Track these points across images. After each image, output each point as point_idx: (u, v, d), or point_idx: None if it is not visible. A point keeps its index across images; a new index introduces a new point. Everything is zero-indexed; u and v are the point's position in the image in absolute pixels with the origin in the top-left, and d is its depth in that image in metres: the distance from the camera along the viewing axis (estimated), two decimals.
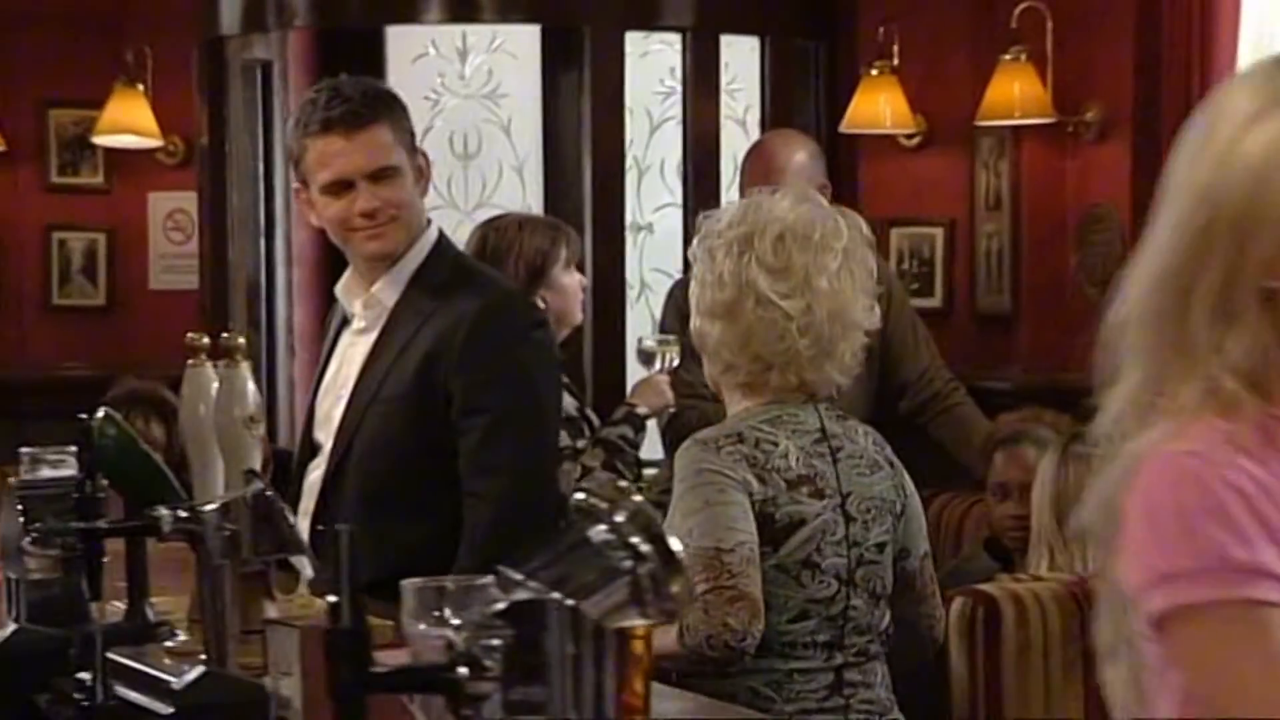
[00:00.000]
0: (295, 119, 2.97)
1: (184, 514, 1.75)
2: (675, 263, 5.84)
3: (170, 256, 6.04)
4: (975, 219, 5.07)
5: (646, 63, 5.53)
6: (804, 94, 5.25)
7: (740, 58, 5.29)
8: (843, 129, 5.10)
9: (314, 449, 3.08)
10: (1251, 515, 1.34)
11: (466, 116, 5.72)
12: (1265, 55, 1.54)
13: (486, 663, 1.06)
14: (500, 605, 1.06)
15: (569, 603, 1.04)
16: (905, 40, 5.05)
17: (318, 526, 2.83)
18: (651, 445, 4.23)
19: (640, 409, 3.95)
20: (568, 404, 3.66)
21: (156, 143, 5.80)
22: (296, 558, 1.79)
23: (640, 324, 5.48)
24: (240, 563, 1.76)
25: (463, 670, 1.06)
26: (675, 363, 3.97)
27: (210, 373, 2.08)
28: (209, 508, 1.76)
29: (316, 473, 3.02)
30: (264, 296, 5.73)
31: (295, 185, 3.03)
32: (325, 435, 3.05)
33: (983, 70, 4.84)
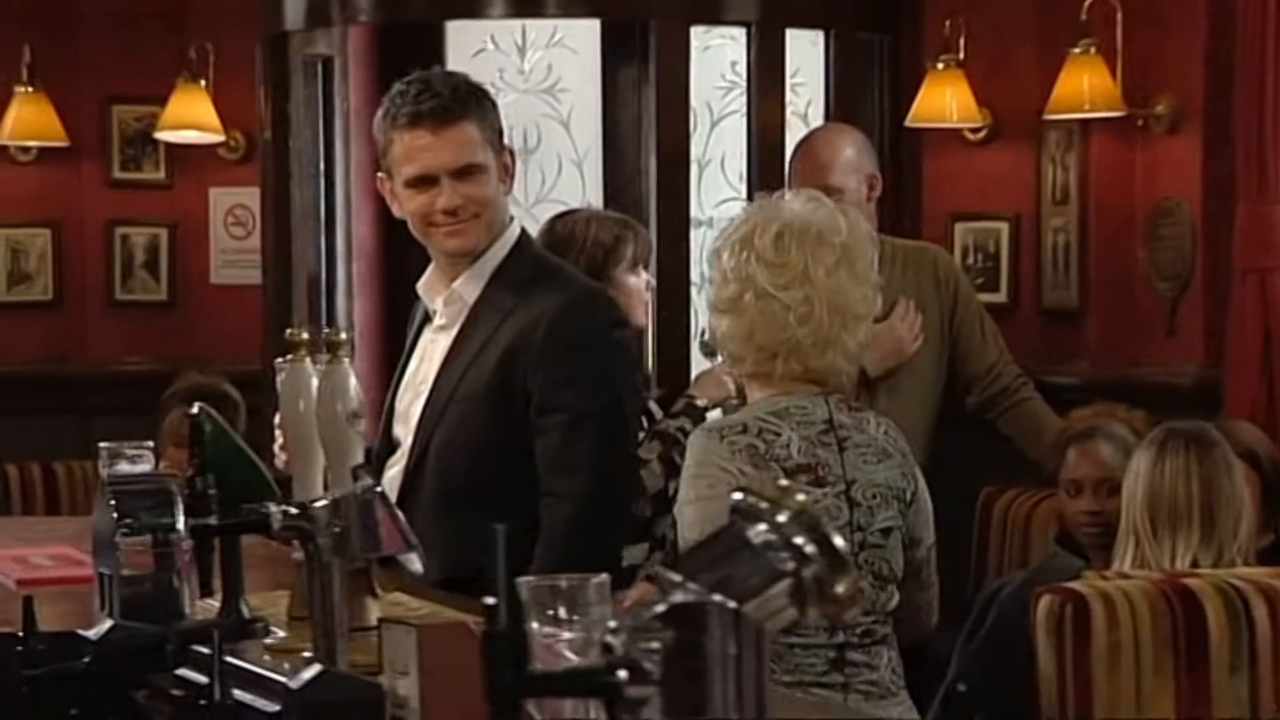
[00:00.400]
0: (384, 110, 2.96)
1: (294, 511, 1.75)
2: None
3: (231, 251, 6.05)
4: (1042, 213, 5.03)
5: (708, 57, 5.52)
6: (868, 88, 5.22)
7: (803, 51, 5.27)
8: (908, 123, 5.08)
9: (392, 445, 3.08)
10: None
11: (526, 111, 5.72)
12: None
13: (646, 666, 1.04)
14: (660, 608, 1.04)
15: (731, 605, 1.03)
16: (971, 33, 5.02)
17: None
18: None
19: (700, 401, 3.94)
20: None
21: (218, 138, 5.81)
22: (406, 555, 1.78)
23: (703, 317, 5.47)
24: (349, 560, 1.75)
25: (622, 674, 1.05)
26: None
27: (310, 368, 2.07)
28: (319, 504, 1.75)
29: (395, 469, 3.02)
30: (324, 291, 5.74)
31: (380, 175, 3.01)
32: (404, 431, 3.04)
33: (1050, 63, 4.80)
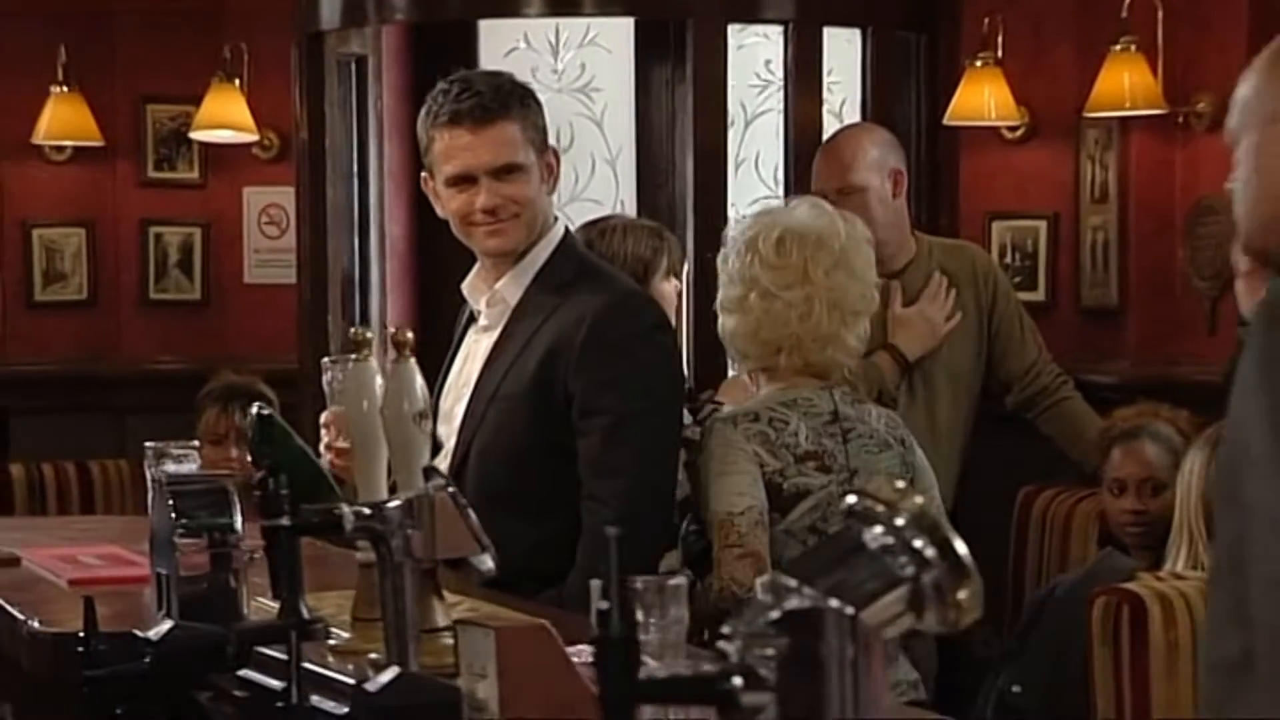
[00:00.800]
0: (426, 108, 2.95)
1: (367, 511, 1.73)
2: None
3: (265, 251, 6.05)
4: (1080, 211, 5.01)
5: (742, 55, 5.51)
6: (905, 86, 5.21)
7: (838, 50, 5.25)
8: (946, 121, 5.06)
9: (436, 446, 3.07)
10: None
11: (559, 110, 5.71)
12: None
13: (761, 672, 1.03)
14: (775, 614, 1.03)
15: (848, 611, 1.02)
16: (1009, 31, 5.00)
17: None
18: None
19: (726, 406, 3.92)
20: None
21: (252, 137, 5.81)
22: (478, 556, 1.77)
23: None
24: (422, 562, 1.74)
25: (737, 680, 1.03)
26: None
27: (374, 367, 2.06)
28: (392, 505, 1.74)
29: None
30: (357, 291, 5.74)
31: (423, 174, 3.00)
32: (448, 433, 3.03)
33: (1088, 61, 4.78)
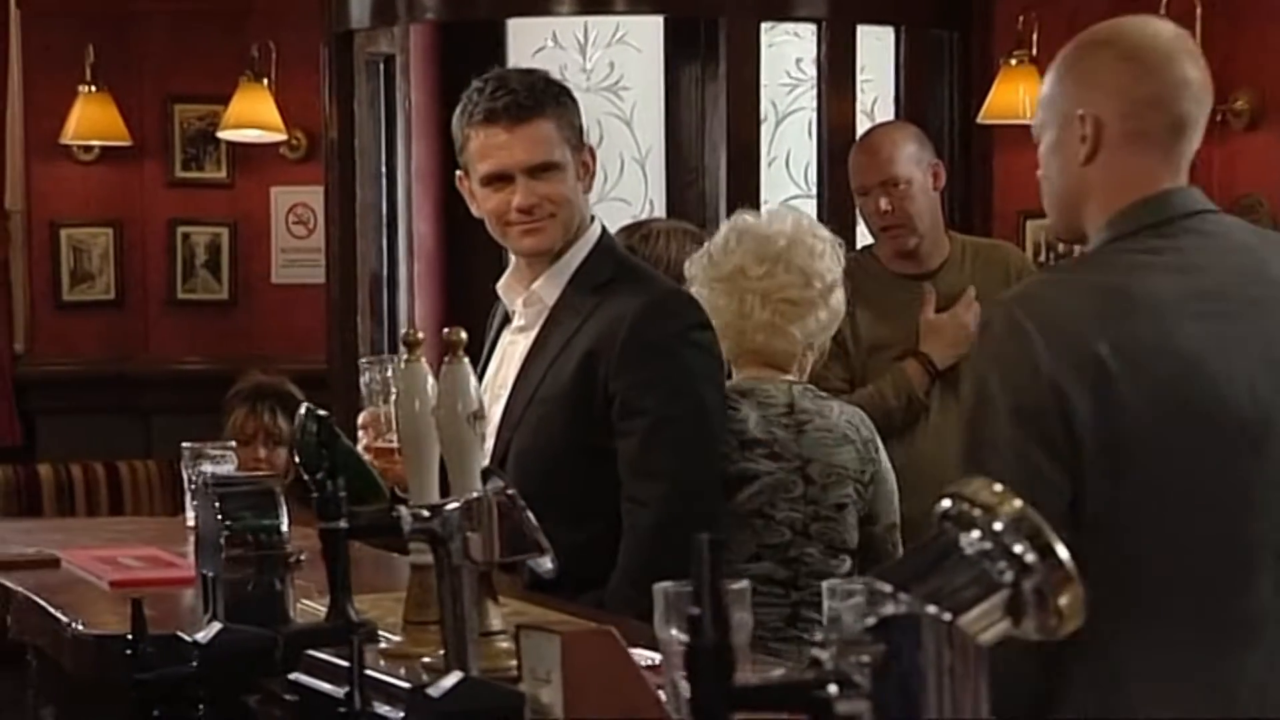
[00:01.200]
0: (461, 107, 2.91)
1: (426, 513, 1.71)
2: None
3: (292, 251, 6.04)
4: None
5: (772, 54, 5.48)
6: (938, 84, 5.18)
7: (869, 48, 5.23)
8: (981, 119, 5.03)
9: None
10: None
11: (588, 109, 5.64)
12: None
13: (856, 679, 1.00)
14: (871, 620, 1.00)
15: (946, 617, 0.99)
16: (1043, 29, 4.97)
17: None
18: None
19: None
20: None
21: (280, 137, 5.80)
22: (538, 559, 1.74)
23: None
24: (481, 564, 1.72)
25: (832, 688, 1.01)
26: None
27: (425, 367, 2.04)
28: (451, 507, 1.72)
29: None
30: (386, 290, 5.72)
31: (459, 173, 2.97)
32: (485, 434, 2.99)
33: None
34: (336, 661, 2.01)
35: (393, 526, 1.73)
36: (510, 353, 2.99)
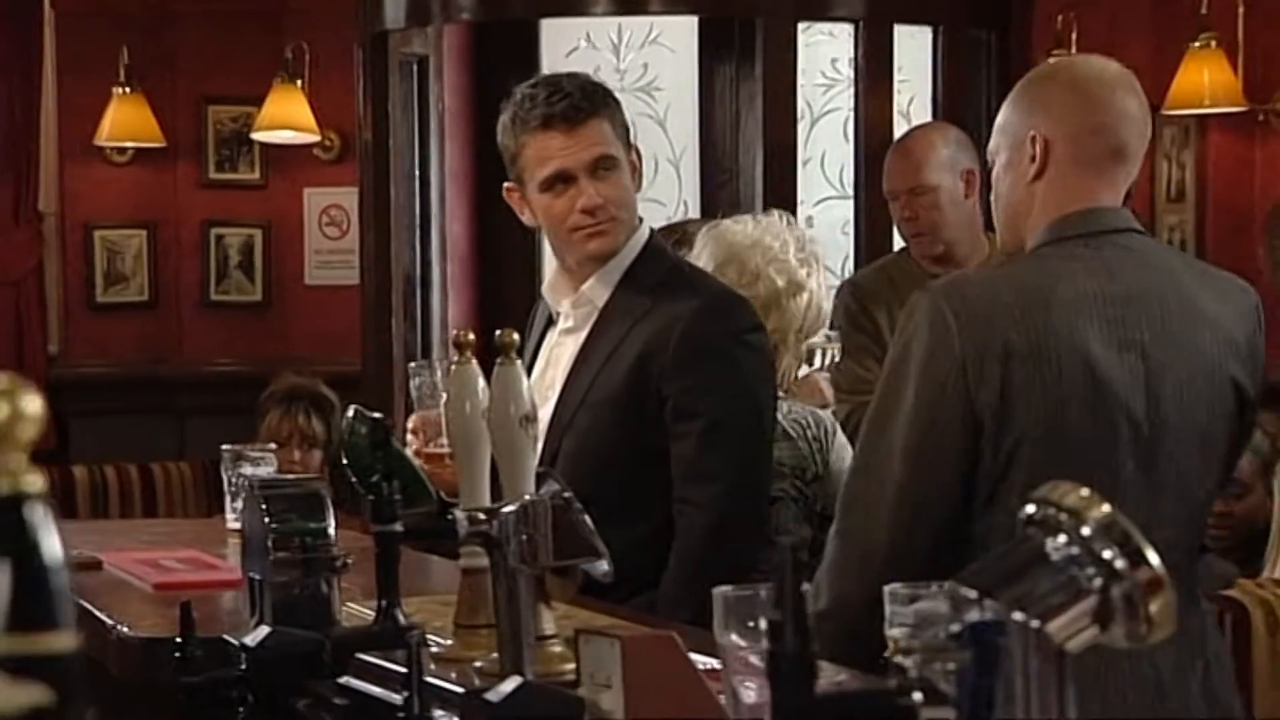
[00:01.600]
0: (510, 117, 2.89)
1: (482, 516, 1.70)
2: (836, 257, 5.75)
3: (325, 252, 6.03)
4: (1156, 211, 4.95)
5: (807, 54, 5.46)
6: (976, 84, 5.15)
7: (905, 47, 5.20)
8: None
9: None
10: None
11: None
12: None
13: (941, 687, 0.98)
14: (956, 627, 0.98)
15: (1034, 624, 0.97)
16: (1082, 28, 4.94)
17: None
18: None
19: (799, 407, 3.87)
20: None
21: (313, 138, 5.79)
22: (594, 562, 1.73)
23: None
24: (537, 568, 1.70)
25: (917, 696, 0.99)
26: (837, 359, 3.89)
27: (476, 369, 2.02)
28: (507, 509, 1.70)
29: None
30: (419, 291, 5.71)
31: (508, 185, 2.95)
32: None
33: (1164, 58, 4.72)
34: (386, 665, 1.99)
35: (448, 530, 1.71)
36: (558, 354, 2.97)
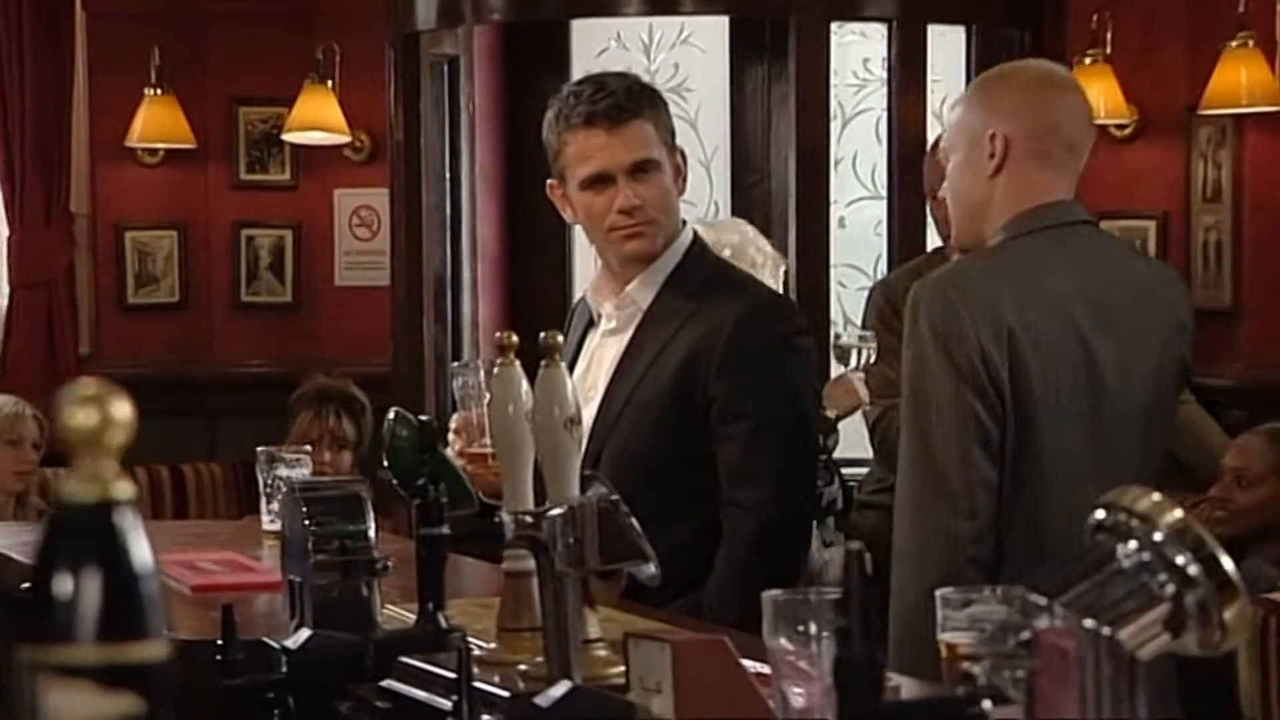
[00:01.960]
0: (555, 113, 2.89)
1: (529, 519, 1.68)
2: (869, 258, 5.74)
3: (355, 253, 6.03)
4: (1191, 211, 4.92)
5: (839, 54, 5.43)
6: None
7: (937, 46, 5.18)
8: None
9: None
10: None
11: None
12: None
13: (1011, 695, 0.97)
14: (1026, 634, 0.97)
15: (1105, 632, 0.95)
16: (1117, 28, 4.92)
17: None
18: (853, 443, 4.14)
19: (829, 412, 3.86)
20: None
21: (344, 139, 5.78)
22: (641, 566, 1.71)
23: (839, 319, 5.38)
24: (584, 571, 1.69)
25: (987, 704, 0.97)
26: (872, 359, 3.88)
27: (520, 371, 2.01)
28: (554, 512, 1.69)
29: None
30: (449, 292, 5.70)
31: (550, 182, 2.95)
32: None
33: (1201, 57, 4.70)
34: (430, 669, 1.99)
35: (495, 533, 1.70)
36: (600, 355, 2.96)
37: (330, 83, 5.70)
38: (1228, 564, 0.99)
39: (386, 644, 2.15)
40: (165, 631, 0.73)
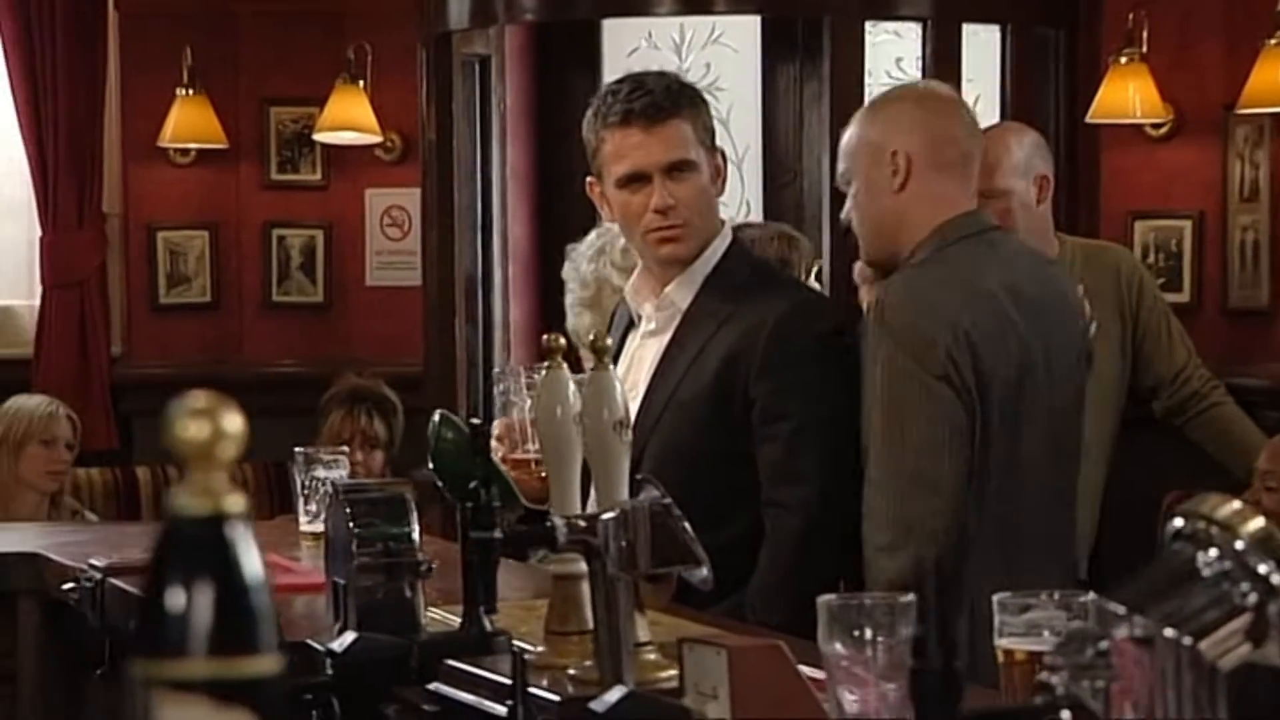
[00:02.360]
0: (594, 110, 2.89)
1: (582, 524, 1.68)
2: None
3: (387, 253, 6.02)
4: (1228, 211, 4.89)
5: (872, 54, 5.41)
6: (1044, 83, 5.10)
7: (970, 46, 5.16)
8: (1089, 119, 4.95)
9: None
10: None
11: None
12: None
13: (1091, 705, 0.96)
14: (1104, 644, 0.96)
15: (1186, 641, 0.94)
16: (1153, 27, 4.89)
17: None
18: None
19: None
20: None
21: (375, 139, 5.78)
22: (694, 570, 1.71)
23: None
24: (636, 575, 1.68)
25: (1065, 714, 0.96)
26: None
27: (567, 374, 2.01)
28: (606, 516, 1.68)
29: None
30: (480, 292, 5.70)
31: (590, 179, 2.94)
32: None
33: (1238, 56, 4.67)
34: (478, 672, 1.98)
35: (547, 537, 1.69)
36: (640, 356, 2.96)
37: (361, 83, 5.69)
38: None
39: (432, 646, 2.15)
40: (274, 645, 0.73)
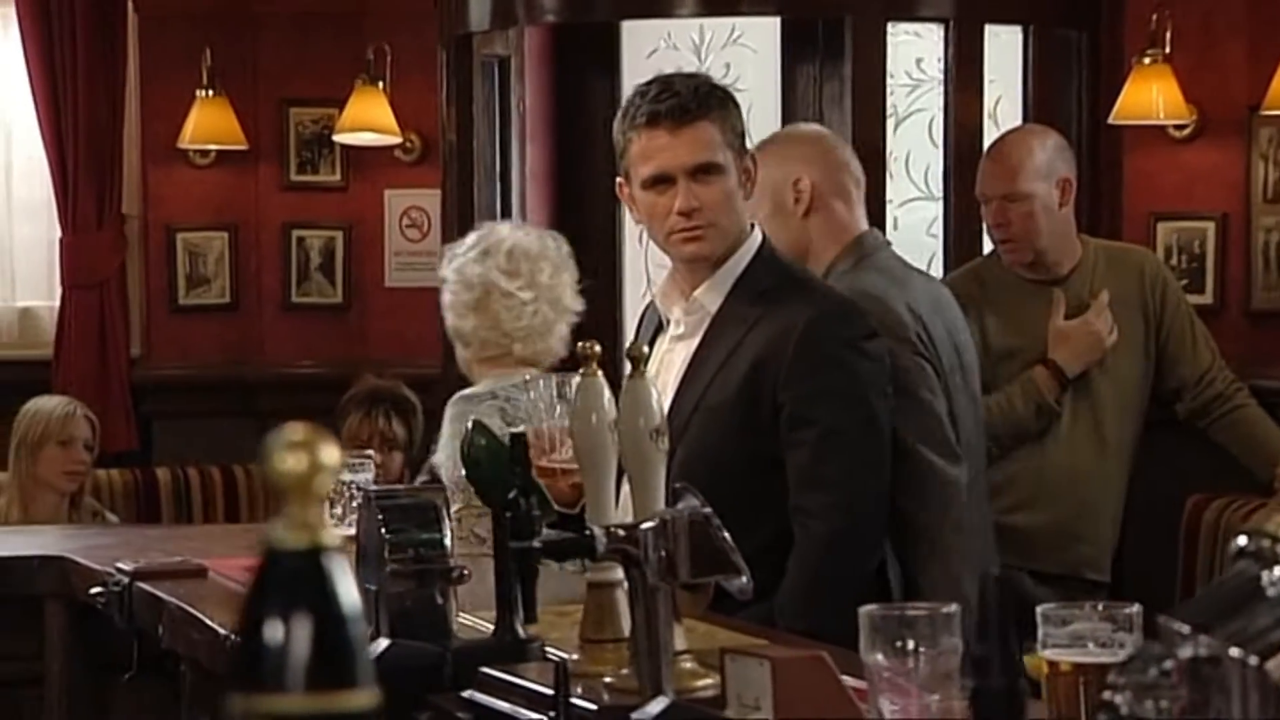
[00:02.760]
0: (622, 111, 2.89)
1: (621, 533, 1.67)
2: (922, 259, 5.69)
3: (406, 254, 6.02)
4: (1252, 212, 4.88)
5: (892, 55, 5.40)
6: (1067, 84, 5.09)
7: (992, 46, 5.15)
8: (1112, 120, 4.94)
9: None
10: None
11: None
12: None
13: None
14: (1169, 664, 0.95)
15: (1252, 661, 0.93)
16: (1176, 28, 4.88)
17: None
18: None
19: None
20: None
21: (394, 140, 5.78)
22: (734, 579, 1.70)
23: None
24: (675, 584, 1.67)
25: None
26: None
27: (603, 381, 2.00)
28: (645, 525, 1.67)
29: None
30: None
31: (619, 180, 2.94)
32: None
33: (1262, 57, 4.65)
34: (514, 680, 1.97)
35: (586, 547, 1.68)
36: (669, 360, 2.95)
37: (381, 84, 5.69)
38: None
39: (465, 654, 2.14)
40: (372, 679, 0.72)
